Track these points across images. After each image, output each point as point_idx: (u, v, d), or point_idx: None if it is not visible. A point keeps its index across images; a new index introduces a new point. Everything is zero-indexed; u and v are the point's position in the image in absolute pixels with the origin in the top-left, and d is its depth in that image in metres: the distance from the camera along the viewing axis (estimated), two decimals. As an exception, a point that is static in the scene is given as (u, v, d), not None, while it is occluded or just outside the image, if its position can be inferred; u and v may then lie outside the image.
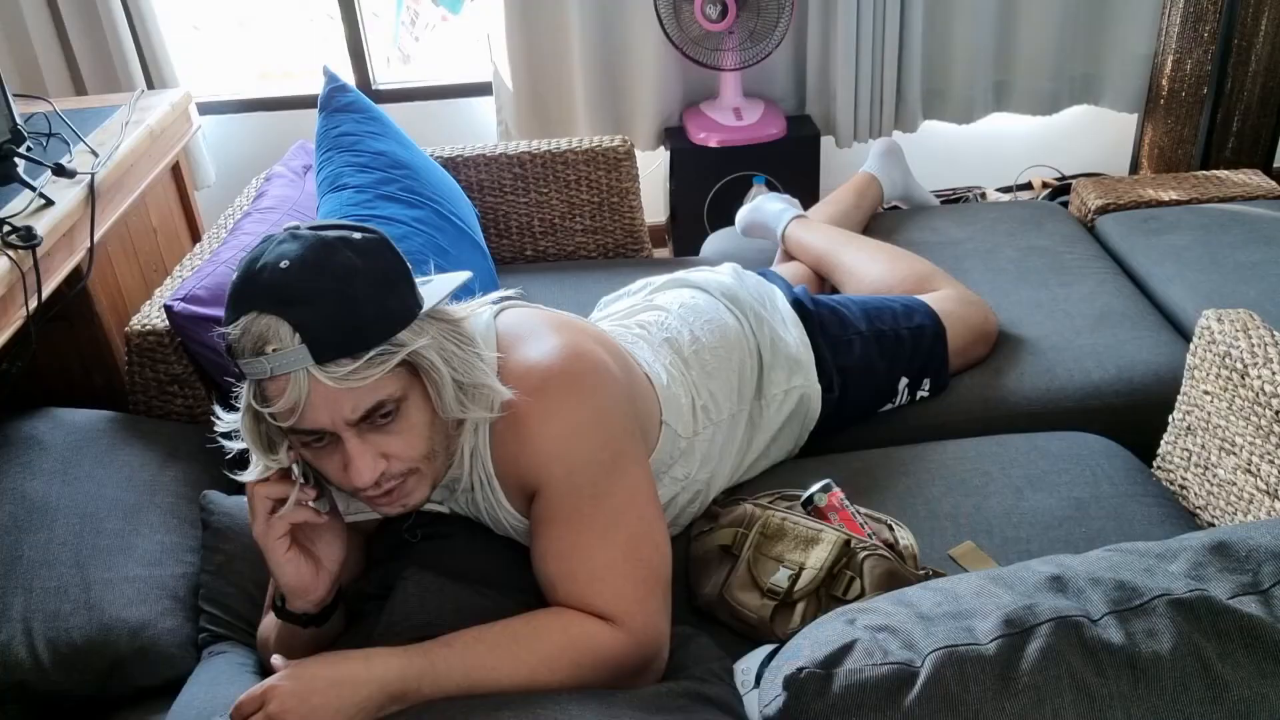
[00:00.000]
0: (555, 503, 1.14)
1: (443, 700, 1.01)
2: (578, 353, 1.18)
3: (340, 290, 1.00)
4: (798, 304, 1.63)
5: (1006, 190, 2.98)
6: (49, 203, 1.69)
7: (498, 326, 1.21)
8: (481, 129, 3.01)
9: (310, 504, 1.10)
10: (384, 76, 3.01)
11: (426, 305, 1.08)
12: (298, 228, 1.05)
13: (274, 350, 0.99)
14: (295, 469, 1.11)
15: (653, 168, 2.97)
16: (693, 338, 1.45)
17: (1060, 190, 2.88)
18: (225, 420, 1.12)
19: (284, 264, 1.00)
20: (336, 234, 1.04)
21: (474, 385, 1.10)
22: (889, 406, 1.67)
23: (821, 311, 1.63)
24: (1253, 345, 1.33)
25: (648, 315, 1.50)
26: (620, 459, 1.17)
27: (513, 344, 1.19)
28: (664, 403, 1.34)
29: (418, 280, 1.12)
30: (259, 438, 1.09)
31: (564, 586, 1.12)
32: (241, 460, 1.15)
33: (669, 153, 2.76)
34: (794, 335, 1.58)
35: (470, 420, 1.14)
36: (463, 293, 1.19)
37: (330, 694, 0.96)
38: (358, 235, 1.05)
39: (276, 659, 1.00)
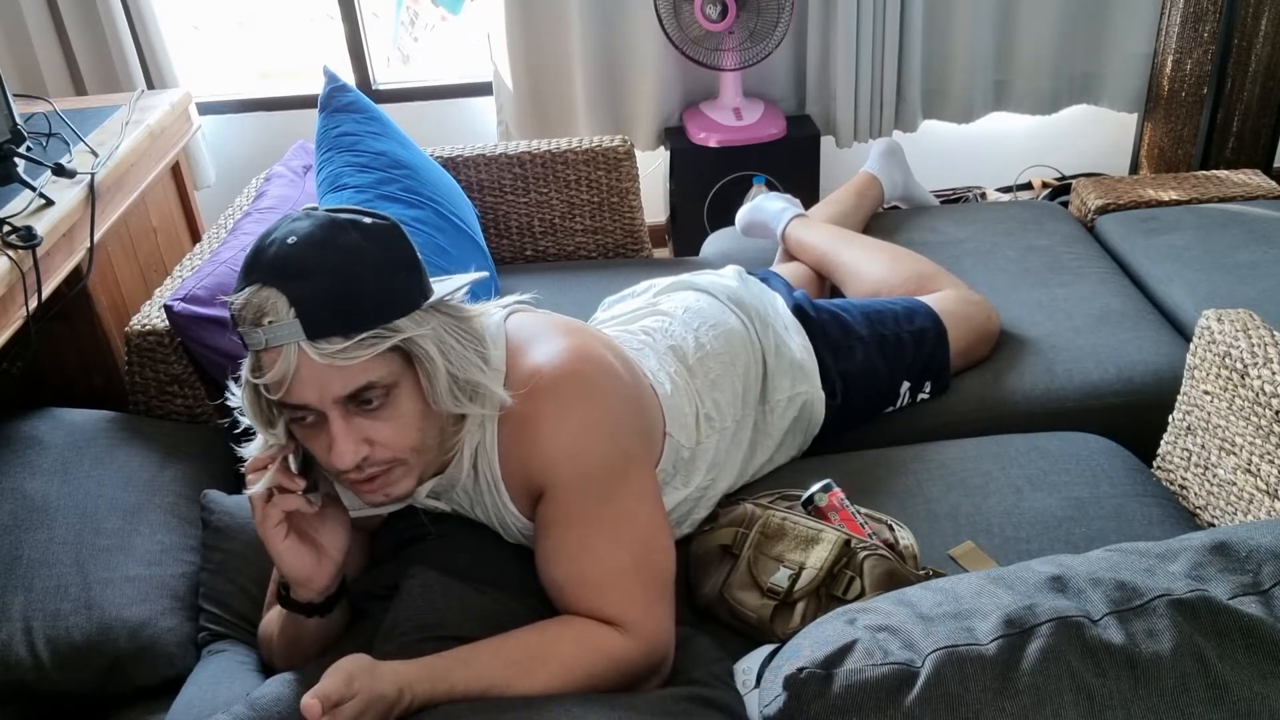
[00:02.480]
0: (564, 505, 1.13)
1: (447, 703, 1.01)
2: (587, 355, 1.18)
3: (340, 269, 1.02)
4: (799, 310, 1.62)
5: (1006, 190, 2.97)
6: (49, 203, 1.69)
7: (507, 329, 1.21)
8: (481, 129, 3.01)
9: (301, 494, 1.10)
10: (384, 76, 3.01)
11: (434, 297, 1.09)
12: (315, 208, 1.07)
13: (269, 322, 1.01)
14: (293, 461, 1.11)
15: (653, 168, 2.97)
16: (697, 344, 1.45)
17: (1060, 190, 2.88)
18: (234, 394, 1.14)
19: (291, 239, 1.02)
20: (348, 216, 1.06)
21: (469, 382, 1.10)
22: (890, 409, 1.67)
23: (823, 317, 1.63)
24: (1253, 345, 1.33)
25: (651, 321, 1.49)
26: (629, 462, 1.17)
27: (522, 346, 1.18)
28: (668, 413, 1.33)
29: (437, 279, 1.12)
30: (258, 412, 1.10)
31: (572, 590, 1.12)
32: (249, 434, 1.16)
33: (669, 153, 2.76)
34: (797, 341, 1.57)
35: (471, 418, 1.14)
36: (482, 293, 1.18)
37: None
38: (368, 220, 1.06)
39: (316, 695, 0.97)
